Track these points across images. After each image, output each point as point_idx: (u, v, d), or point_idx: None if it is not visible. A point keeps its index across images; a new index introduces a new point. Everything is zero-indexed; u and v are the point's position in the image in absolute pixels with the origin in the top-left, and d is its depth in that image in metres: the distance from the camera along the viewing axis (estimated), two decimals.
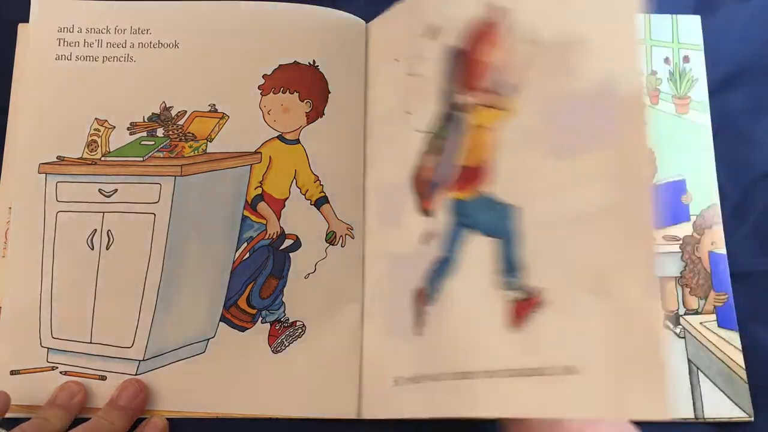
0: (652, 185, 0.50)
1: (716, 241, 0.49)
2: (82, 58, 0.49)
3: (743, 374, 0.45)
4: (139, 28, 0.50)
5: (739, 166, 0.51)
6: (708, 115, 0.52)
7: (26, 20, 0.51)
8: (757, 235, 0.50)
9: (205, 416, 0.44)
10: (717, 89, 0.53)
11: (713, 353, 0.46)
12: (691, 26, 0.54)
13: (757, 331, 0.47)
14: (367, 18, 0.55)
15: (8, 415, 0.42)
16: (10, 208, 0.47)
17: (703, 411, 0.45)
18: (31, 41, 0.50)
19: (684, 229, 0.49)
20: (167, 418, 0.44)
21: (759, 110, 0.53)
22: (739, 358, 0.46)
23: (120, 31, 0.50)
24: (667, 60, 0.53)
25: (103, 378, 0.44)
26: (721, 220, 0.49)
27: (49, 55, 0.49)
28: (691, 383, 0.46)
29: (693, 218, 0.50)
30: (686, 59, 0.53)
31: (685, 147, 0.51)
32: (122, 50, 0.49)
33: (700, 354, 0.46)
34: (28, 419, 0.40)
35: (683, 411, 0.45)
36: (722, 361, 0.46)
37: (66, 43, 0.49)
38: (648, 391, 0.29)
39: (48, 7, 0.50)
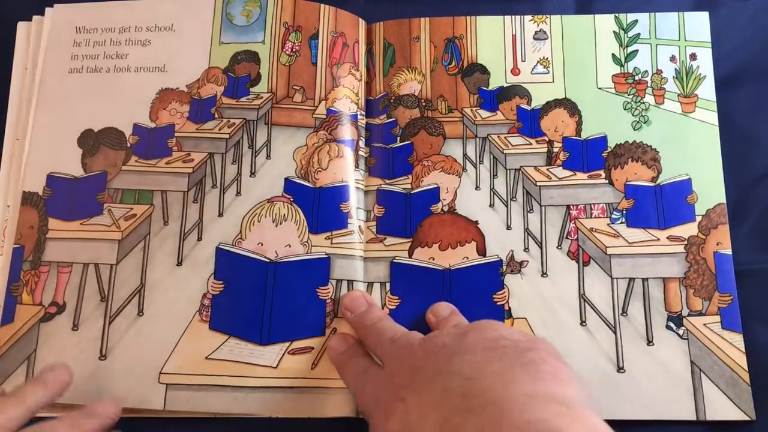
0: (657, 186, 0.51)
1: (722, 241, 0.49)
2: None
3: (746, 377, 0.46)
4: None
5: (741, 164, 0.51)
6: (715, 114, 0.52)
7: (25, 18, 0.52)
8: (759, 234, 0.50)
9: (206, 416, 0.45)
10: (718, 88, 0.53)
11: (716, 355, 0.46)
12: (698, 23, 0.54)
13: (757, 330, 0.47)
14: (367, 18, 0.55)
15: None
16: (8, 206, 0.49)
17: (705, 413, 0.45)
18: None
19: (689, 230, 0.50)
20: (168, 418, 0.45)
21: (759, 109, 0.53)
22: (743, 360, 0.46)
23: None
24: (672, 58, 0.54)
25: None
26: (727, 221, 0.50)
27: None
28: (693, 385, 0.46)
29: (698, 218, 0.50)
30: (693, 57, 0.53)
31: (690, 146, 0.51)
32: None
33: (703, 356, 0.47)
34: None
35: (685, 412, 0.45)
36: (725, 364, 0.46)
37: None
38: None
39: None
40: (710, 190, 0.50)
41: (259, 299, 0.47)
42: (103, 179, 0.50)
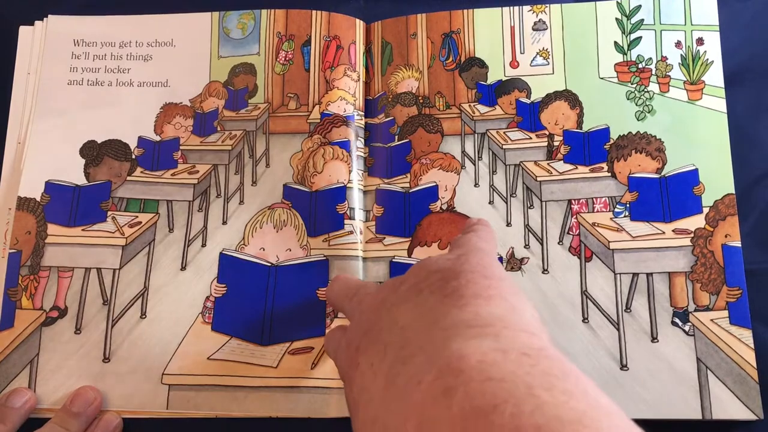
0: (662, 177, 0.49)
1: (731, 233, 0.48)
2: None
3: (755, 374, 0.44)
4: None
5: (741, 164, 0.49)
6: (723, 101, 0.50)
7: (27, 22, 0.55)
8: (760, 234, 0.49)
9: (206, 416, 0.47)
10: None
11: (724, 352, 0.45)
12: (705, 5, 0.52)
13: (759, 330, 0.46)
14: (367, 18, 0.56)
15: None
16: (10, 208, 0.52)
17: (711, 412, 0.44)
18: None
19: (695, 222, 0.48)
20: (170, 418, 0.47)
21: (760, 110, 0.51)
22: (751, 357, 0.45)
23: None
24: (678, 44, 0.52)
25: None
26: (736, 211, 0.48)
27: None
28: (699, 383, 0.45)
29: (705, 210, 0.48)
30: (700, 41, 0.51)
31: (697, 135, 0.50)
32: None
33: (710, 353, 0.45)
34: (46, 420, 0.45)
35: (690, 411, 0.44)
36: (733, 360, 0.45)
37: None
38: None
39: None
40: (718, 180, 0.49)
41: (260, 301, 0.49)
42: (107, 188, 0.53)
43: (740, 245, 0.47)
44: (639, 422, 0.41)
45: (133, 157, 0.53)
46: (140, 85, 0.55)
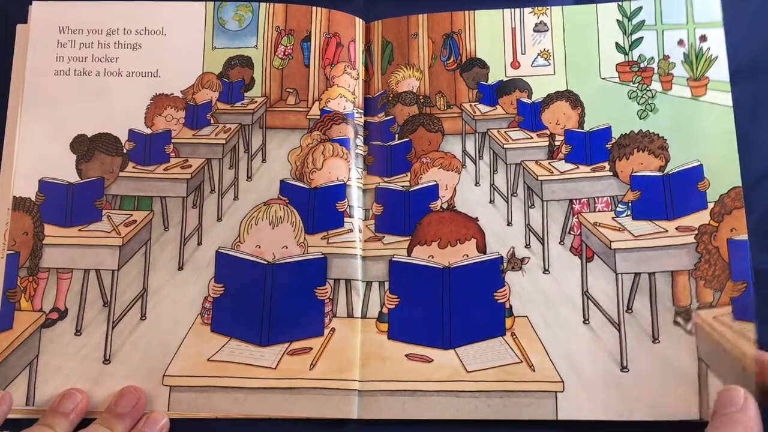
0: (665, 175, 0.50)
1: (737, 227, 0.48)
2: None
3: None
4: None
5: (741, 165, 0.50)
6: (729, 94, 0.51)
7: (24, 21, 0.55)
8: (761, 234, 0.49)
9: (206, 417, 0.47)
10: None
11: (725, 349, 0.45)
12: (708, 3, 0.53)
13: (763, 330, 0.46)
14: (367, 18, 0.57)
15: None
16: (9, 209, 0.51)
17: (709, 413, 0.44)
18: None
19: (700, 218, 0.49)
20: (171, 419, 0.47)
21: (758, 110, 0.52)
22: (753, 352, 0.44)
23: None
24: (680, 42, 0.53)
25: None
26: (743, 204, 0.48)
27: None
28: (699, 383, 0.45)
29: (710, 205, 0.49)
30: (703, 38, 0.53)
31: (701, 131, 0.51)
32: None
33: (712, 351, 0.46)
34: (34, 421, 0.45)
35: (689, 411, 0.45)
36: (735, 358, 0.45)
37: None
38: None
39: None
40: (724, 173, 0.49)
41: (258, 301, 0.49)
42: (100, 185, 0.53)
43: (747, 238, 0.47)
44: (639, 423, 0.40)
45: (125, 151, 0.54)
46: (129, 75, 0.55)
